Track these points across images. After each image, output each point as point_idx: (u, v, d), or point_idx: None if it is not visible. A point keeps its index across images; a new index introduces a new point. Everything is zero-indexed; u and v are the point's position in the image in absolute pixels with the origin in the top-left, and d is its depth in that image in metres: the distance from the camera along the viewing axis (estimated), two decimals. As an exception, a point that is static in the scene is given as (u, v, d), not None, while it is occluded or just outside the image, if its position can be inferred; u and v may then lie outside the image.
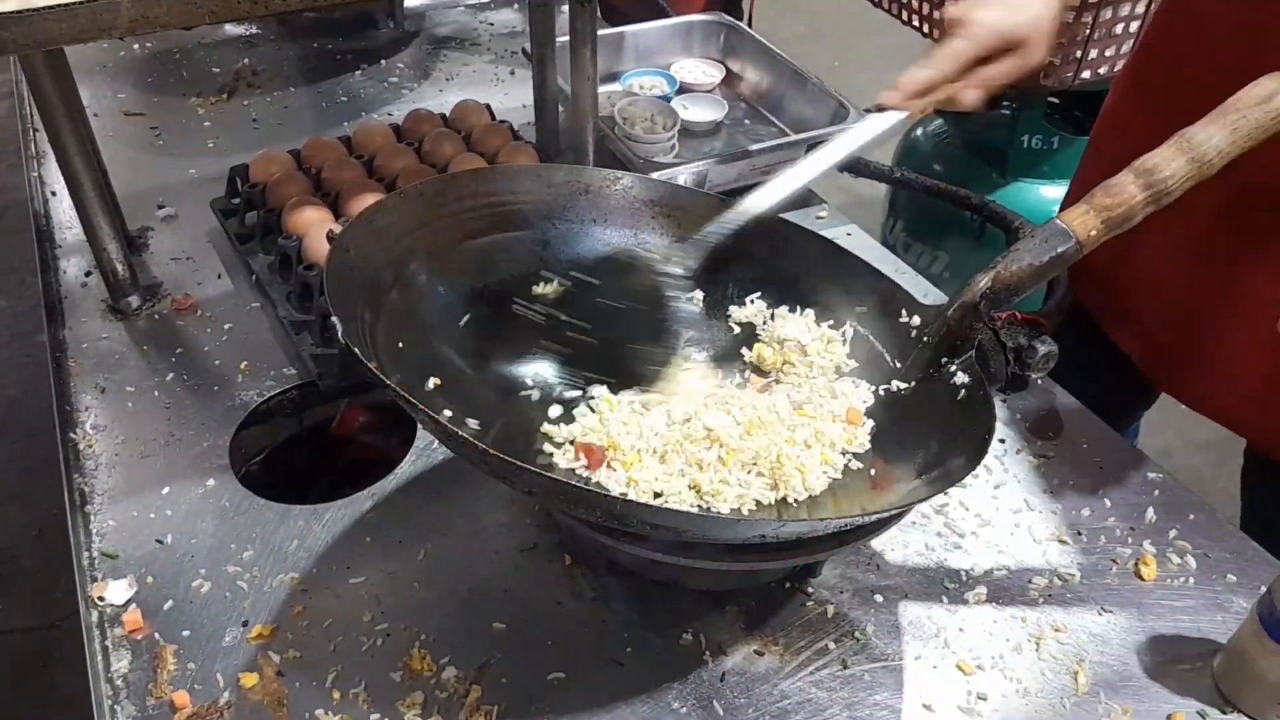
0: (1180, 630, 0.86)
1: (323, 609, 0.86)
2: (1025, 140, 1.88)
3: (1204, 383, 1.04)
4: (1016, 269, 0.81)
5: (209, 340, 1.14)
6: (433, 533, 0.93)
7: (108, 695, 0.80)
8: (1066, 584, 0.90)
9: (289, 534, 0.92)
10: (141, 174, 1.40)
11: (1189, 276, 1.01)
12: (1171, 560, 0.92)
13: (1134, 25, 1.61)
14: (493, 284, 0.94)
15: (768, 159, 1.38)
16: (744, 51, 1.61)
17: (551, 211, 0.98)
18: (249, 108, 1.59)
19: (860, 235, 1.33)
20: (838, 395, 0.88)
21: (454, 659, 0.82)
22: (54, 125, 1.02)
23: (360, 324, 0.79)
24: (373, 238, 0.86)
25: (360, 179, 1.25)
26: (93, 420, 1.04)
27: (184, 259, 1.26)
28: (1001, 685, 0.82)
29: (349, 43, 1.79)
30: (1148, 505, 0.97)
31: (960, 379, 0.85)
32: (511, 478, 0.72)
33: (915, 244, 2.07)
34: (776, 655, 0.84)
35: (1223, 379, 1.02)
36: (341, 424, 1.27)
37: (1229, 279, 0.98)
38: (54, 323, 1.16)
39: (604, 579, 0.89)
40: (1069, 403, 1.09)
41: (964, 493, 0.98)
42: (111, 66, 1.68)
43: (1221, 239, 0.97)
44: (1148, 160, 0.78)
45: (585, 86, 1.26)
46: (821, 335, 0.94)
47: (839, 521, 0.71)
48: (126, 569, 0.89)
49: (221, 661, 0.82)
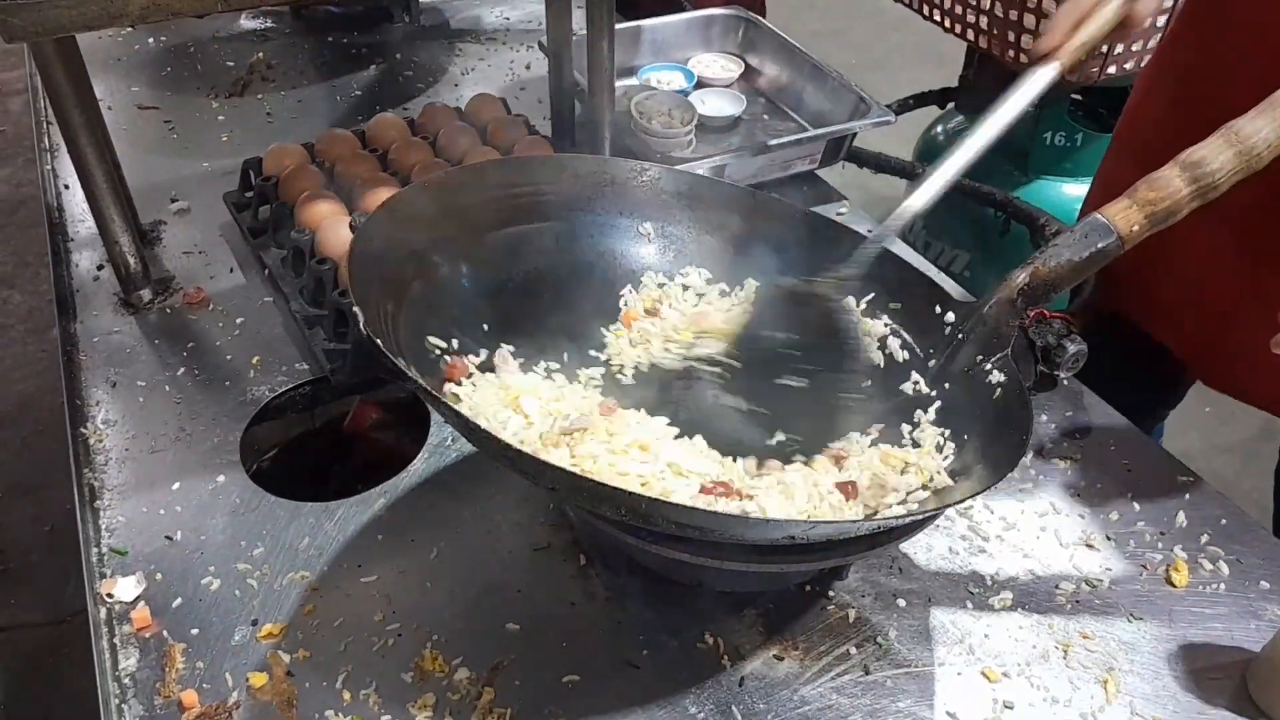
0: (1212, 639, 0.84)
1: (333, 608, 0.85)
2: (1048, 137, 1.86)
3: (1245, 374, 1.02)
4: (1055, 265, 0.79)
5: (221, 335, 1.12)
6: (445, 531, 0.91)
7: (115, 694, 0.78)
8: (1095, 590, 0.88)
9: (300, 531, 0.91)
10: (155, 168, 1.39)
11: (1230, 275, 0.99)
12: (1203, 566, 0.89)
13: (1159, 20, 1.58)
14: (517, 276, 0.92)
15: (786, 154, 1.36)
16: (763, 46, 1.59)
17: (577, 203, 0.96)
18: (263, 102, 1.58)
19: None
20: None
21: (466, 660, 0.81)
22: (65, 116, 1.01)
23: (382, 315, 0.77)
24: (396, 228, 0.84)
25: (374, 173, 1.23)
26: (103, 415, 1.02)
27: (196, 253, 1.25)
28: (1028, 694, 0.80)
29: (364, 37, 1.77)
30: (1178, 509, 0.94)
31: (996, 377, 0.82)
32: (534, 473, 0.70)
33: (935, 242, 2.04)
34: (796, 660, 0.82)
35: (1265, 370, 1.00)
36: (354, 421, 1.26)
37: (1271, 276, 0.96)
38: (65, 316, 1.15)
39: (619, 580, 0.87)
40: (1096, 404, 1.07)
41: (989, 495, 0.96)
42: (126, 60, 1.68)
43: (1262, 238, 0.95)
44: (1194, 153, 0.75)
45: (602, 81, 1.24)
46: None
47: (871, 524, 0.69)
48: (135, 565, 0.88)
49: (230, 661, 0.80)
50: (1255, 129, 0.75)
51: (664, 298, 0.97)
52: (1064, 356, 0.84)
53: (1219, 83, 0.97)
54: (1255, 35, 0.93)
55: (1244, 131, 0.75)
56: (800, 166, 1.40)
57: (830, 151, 1.40)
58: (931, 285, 0.92)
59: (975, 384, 0.83)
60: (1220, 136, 0.75)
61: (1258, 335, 0.98)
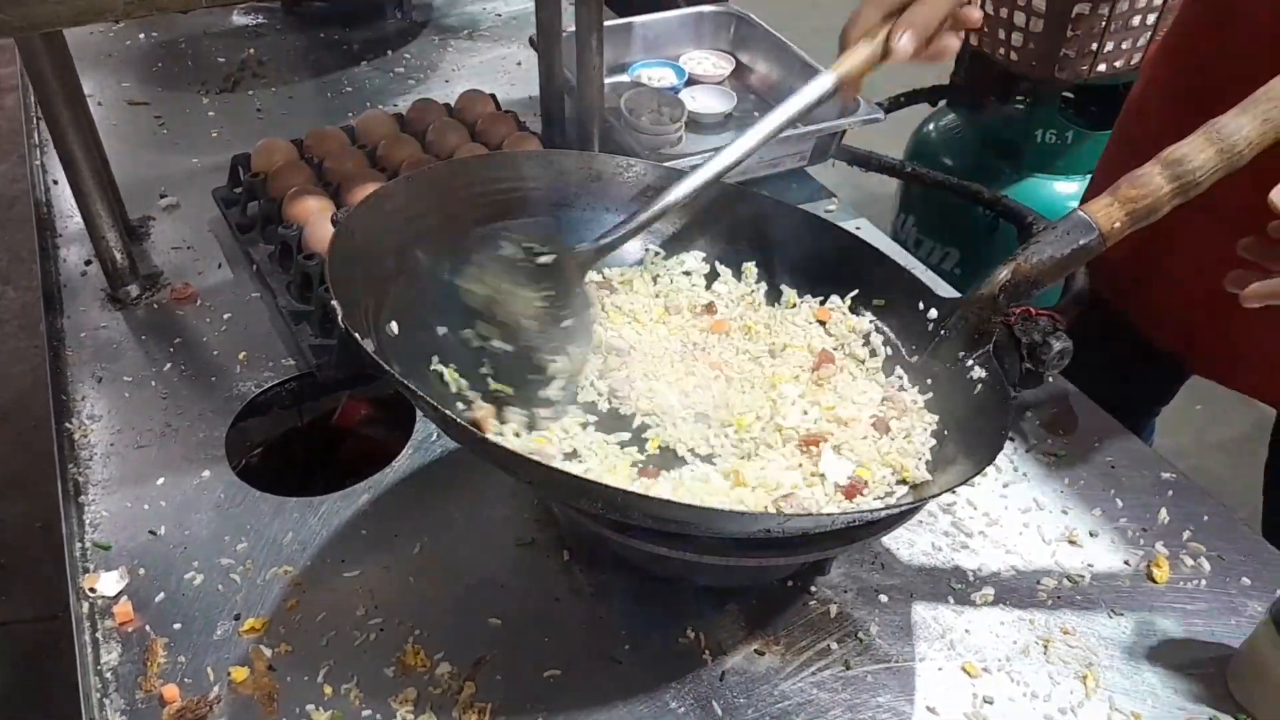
0: (1193, 634, 0.84)
1: (316, 603, 0.85)
2: (1040, 135, 1.86)
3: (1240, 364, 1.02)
4: (1037, 261, 0.79)
5: (208, 330, 1.12)
6: (429, 526, 0.91)
7: (97, 688, 0.78)
8: (1076, 586, 0.88)
9: (283, 526, 0.91)
10: (144, 163, 1.39)
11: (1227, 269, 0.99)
12: (1185, 562, 0.90)
13: (1150, 18, 1.58)
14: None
15: (775, 151, 1.36)
16: (754, 43, 1.59)
17: (562, 198, 0.96)
18: (254, 98, 1.58)
19: (870, 229, 1.31)
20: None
21: (448, 655, 0.81)
22: (52, 110, 1.01)
23: (362, 310, 0.77)
24: (378, 222, 0.84)
25: (362, 169, 1.23)
26: (89, 410, 1.02)
27: (185, 248, 1.25)
28: (1008, 689, 0.80)
29: (355, 33, 1.77)
30: (1160, 506, 0.94)
31: (977, 374, 0.83)
32: (514, 468, 0.70)
33: (926, 240, 2.04)
34: (778, 655, 0.82)
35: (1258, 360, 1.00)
36: (342, 417, 1.26)
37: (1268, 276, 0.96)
38: (52, 312, 1.15)
39: (603, 575, 0.87)
40: (1081, 400, 1.07)
41: (972, 491, 0.96)
42: (117, 56, 1.67)
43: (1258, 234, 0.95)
44: (1175, 151, 0.75)
45: (591, 77, 1.24)
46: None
47: (847, 516, 0.69)
48: (119, 560, 0.88)
49: (212, 655, 0.80)
50: (1237, 127, 0.74)
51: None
52: (1049, 354, 0.84)
53: (1220, 79, 0.97)
54: (1257, 31, 0.93)
55: (1226, 129, 0.75)
56: (790, 164, 1.40)
57: (819, 149, 1.40)
58: (915, 282, 0.92)
59: (957, 380, 0.84)
60: (1202, 134, 0.75)
61: (1251, 325, 0.98)
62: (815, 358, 0.89)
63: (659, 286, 0.96)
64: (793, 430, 0.82)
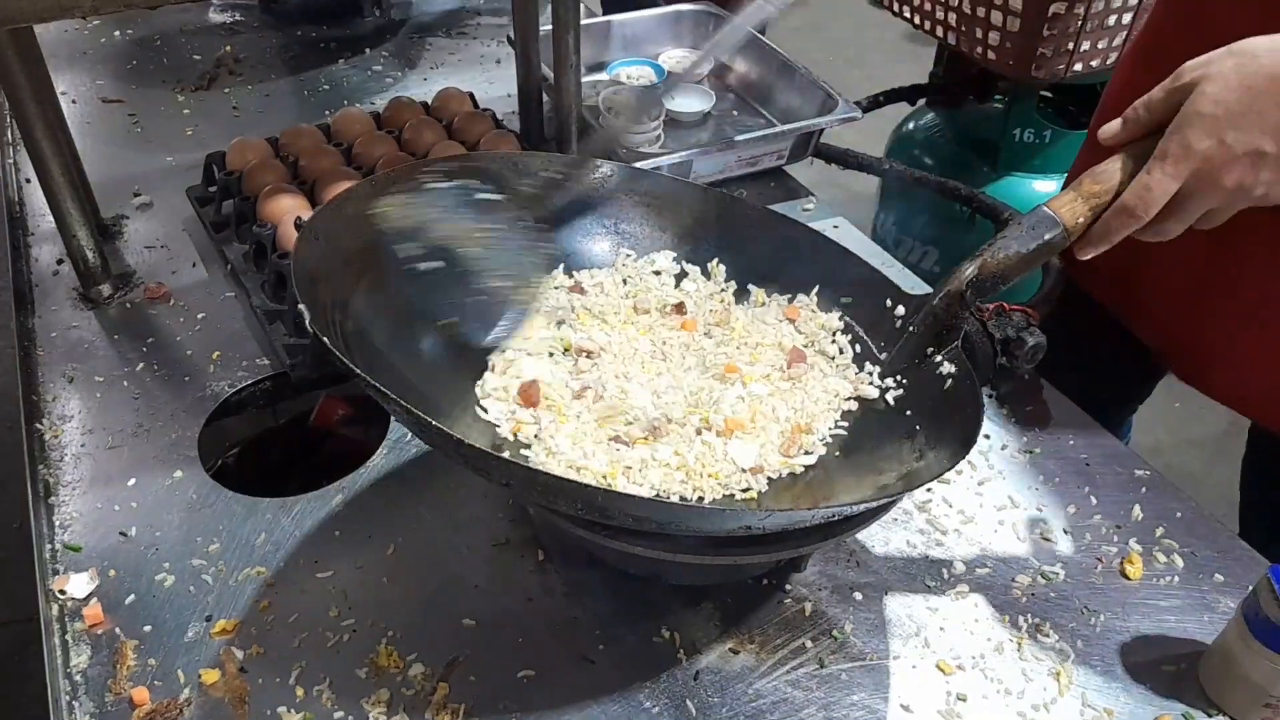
0: (1165, 631, 0.84)
1: (289, 604, 0.84)
2: (1017, 134, 1.87)
3: (1214, 367, 1.03)
4: (1003, 257, 0.79)
5: (181, 330, 1.11)
6: (403, 527, 0.91)
7: (66, 691, 0.78)
8: (1050, 583, 0.88)
9: (256, 527, 0.90)
10: (118, 162, 1.38)
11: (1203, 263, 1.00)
12: (1158, 559, 0.90)
13: (1126, 17, 1.59)
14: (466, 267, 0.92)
15: (753, 150, 1.36)
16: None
17: (531, 199, 0.96)
18: (230, 96, 1.57)
19: (848, 228, 1.31)
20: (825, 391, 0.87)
21: (421, 655, 0.80)
22: (20, 107, 0.99)
23: (329, 312, 0.77)
24: (343, 224, 0.84)
25: (338, 167, 1.22)
26: (60, 410, 1.01)
27: (159, 247, 1.24)
28: (982, 686, 0.80)
29: (333, 31, 1.76)
30: (1134, 503, 0.95)
31: (947, 369, 0.83)
32: (487, 469, 0.70)
33: (906, 239, 2.05)
34: (752, 654, 0.82)
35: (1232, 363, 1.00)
36: (319, 416, 1.25)
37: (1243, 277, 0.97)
38: (23, 311, 1.14)
39: (577, 575, 0.87)
40: (1056, 398, 1.07)
41: (947, 489, 0.97)
42: (92, 53, 1.66)
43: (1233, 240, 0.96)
44: (1135, 146, 0.76)
45: (568, 75, 1.24)
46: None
47: (825, 512, 0.69)
48: (89, 562, 0.87)
49: (183, 657, 0.80)
50: None
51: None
52: (1023, 349, 0.84)
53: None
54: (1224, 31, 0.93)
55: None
56: (768, 163, 1.40)
57: (798, 147, 1.40)
58: (882, 279, 0.92)
59: (926, 376, 0.84)
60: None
61: (1226, 325, 0.99)
62: (787, 356, 0.89)
63: (629, 287, 0.96)
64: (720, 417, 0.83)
